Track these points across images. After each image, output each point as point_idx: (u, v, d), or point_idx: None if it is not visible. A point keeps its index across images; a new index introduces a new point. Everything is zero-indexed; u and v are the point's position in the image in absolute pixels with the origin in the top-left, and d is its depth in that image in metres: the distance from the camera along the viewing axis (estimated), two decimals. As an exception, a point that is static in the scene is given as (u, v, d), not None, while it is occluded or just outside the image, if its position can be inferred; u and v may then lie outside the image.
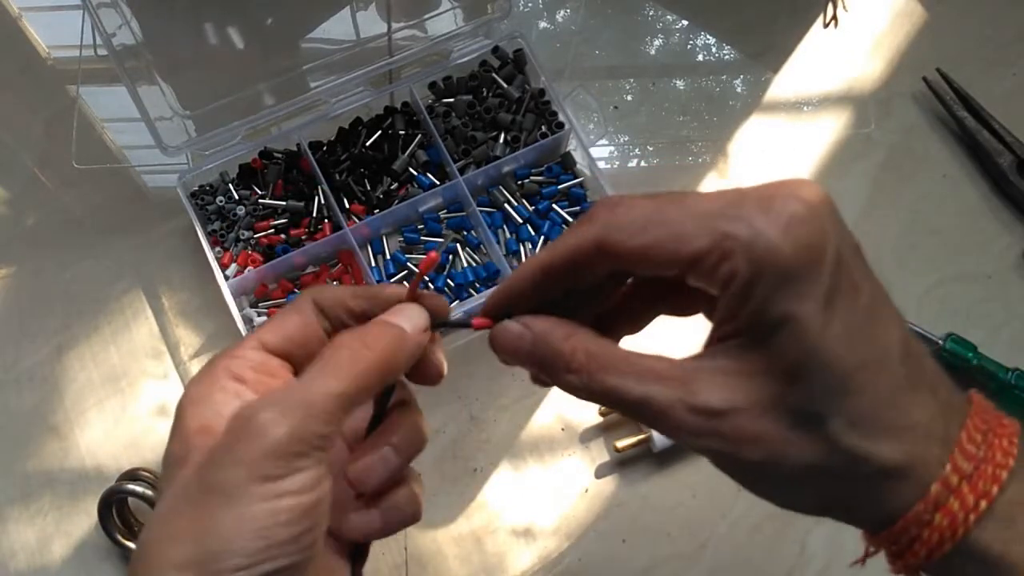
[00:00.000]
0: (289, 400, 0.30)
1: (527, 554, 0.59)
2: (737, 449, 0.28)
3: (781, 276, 0.27)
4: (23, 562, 0.58)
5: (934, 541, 0.28)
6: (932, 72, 0.70)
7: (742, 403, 0.28)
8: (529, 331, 0.32)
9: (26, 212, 0.67)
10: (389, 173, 0.66)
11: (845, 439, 0.27)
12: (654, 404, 0.29)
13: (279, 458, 0.28)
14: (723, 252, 0.27)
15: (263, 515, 0.28)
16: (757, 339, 0.28)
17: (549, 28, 0.74)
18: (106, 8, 0.61)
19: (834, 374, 0.27)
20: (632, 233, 0.29)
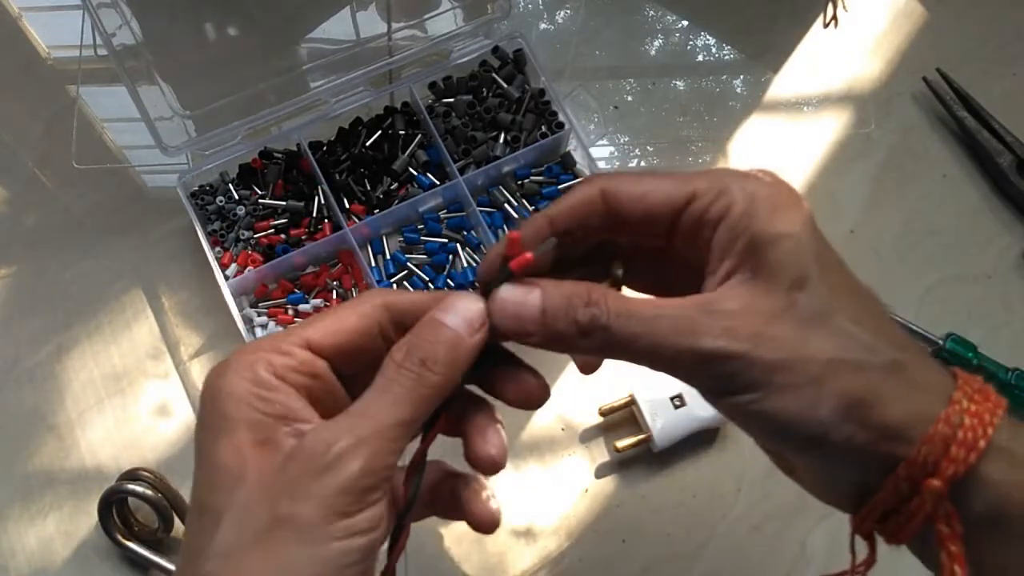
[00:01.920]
0: (360, 431, 0.29)
1: (527, 554, 0.59)
2: (756, 348, 0.28)
3: (772, 206, 0.30)
4: (23, 562, 0.58)
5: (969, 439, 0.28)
6: (932, 72, 0.70)
7: (757, 308, 0.29)
8: (537, 287, 0.31)
9: (26, 212, 0.67)
10: (389, 173, 0.66)
11: (854, 330, 0.29)
12: (670, 316, 0.29)
13: (353, 493, 0.28)
14: (719, 190, 0.31)
15: (337, 555, 0.28)
16: (758, 263, 0.30)
17: (549, 28, 0.74)
18: (106, 8, 0.61)
19: (833, 280, 0.30)
20: (633, 182, 0.32)
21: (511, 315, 0.31)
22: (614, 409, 0.60)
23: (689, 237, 0.32)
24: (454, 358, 0.31)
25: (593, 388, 0.62)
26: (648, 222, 0.32)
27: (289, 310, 0.63)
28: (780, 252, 0.29)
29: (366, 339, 0.33)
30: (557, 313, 0.31)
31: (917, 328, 0.62)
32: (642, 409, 0.59)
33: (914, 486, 0.28)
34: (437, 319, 0.31)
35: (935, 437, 0.28)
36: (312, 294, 0.64)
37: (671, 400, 0.59)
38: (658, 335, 0.30)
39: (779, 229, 0.30)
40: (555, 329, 0.31)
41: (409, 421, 0.30)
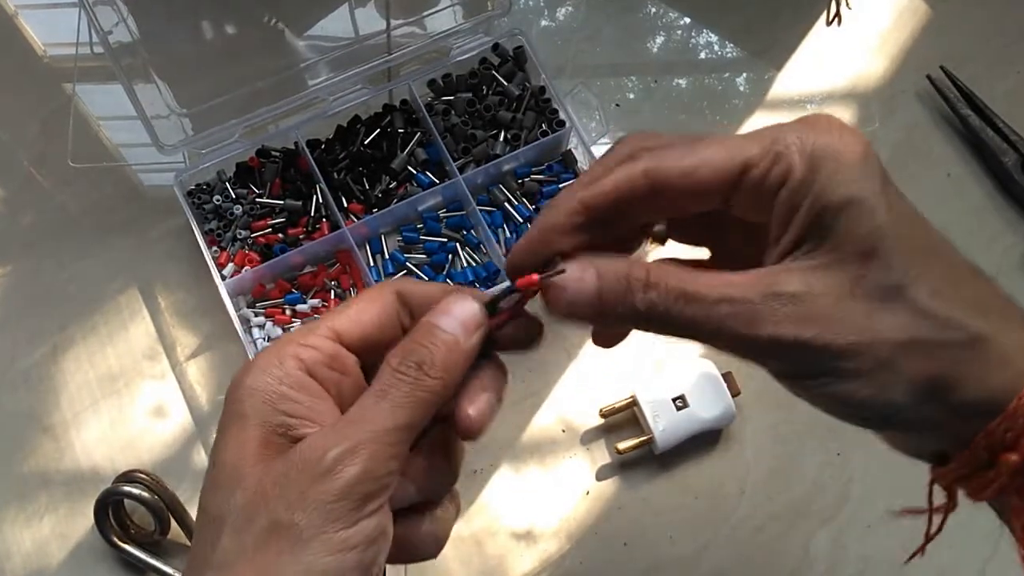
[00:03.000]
0: (357, 436, 0.28)
1: (528, 557, 0.58)
2: (822, 333, 0.27)
3: (836, 166, 0.27)
4: (18, 564, 0.58)
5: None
6: (936, 70, 0.70)
7: (822, 288, 0.27)
8: (591, 267, 0.29)
9: (22, 211, 0.67)
10: (388, 172, 0.66)
11: (931, 305, 0.27)
12: (732, 301, 0.27)
13: (352, 499, 0.27)
14: (775, 155, 0.28)
15: (333, 568, 0.27)
16: (823, 233, 0.27)
17: (550, 25, 0.74)
18: (102, 6, 0.61)
19: (906, 248, 0.27)
20: (679, 155, 0.29)
21: (566, 302, 0.29)
22: (615, 410, 0.60)
23: (748, 206, 0.29)
24: (451, 362, 0.30)
25: (594, 389, 0.62)
26: (700, 197, 0.29)
27: (287, 310, 0.63)
28: (846, 221, 0.27)
29: (388, 328, 0.32)
30: (615, 297, 0.29)
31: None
32: (644, 410, 0.58)
33: (992, 458, 0.28)
34: (432, 323, 0.31)
35: (1017, 412, 0.27)
36: (310, 294, 0.64)
37: (673, 401, 0.58)
38: (720, 321, 0.28)
39: (843, 194, 0.27)
40: (614, 314, 0.29)
41: (407, 426, 0.29)
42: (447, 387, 0.30)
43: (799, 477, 0.60)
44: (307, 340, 0.31)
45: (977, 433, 0.27)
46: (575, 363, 0.63)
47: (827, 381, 0.28)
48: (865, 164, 0.28)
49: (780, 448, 0.60)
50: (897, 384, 0.27)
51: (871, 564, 0.58)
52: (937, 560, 0.58)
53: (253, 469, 0.28)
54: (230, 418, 0.30)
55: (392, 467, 0.28)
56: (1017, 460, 0.27)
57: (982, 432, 0.27)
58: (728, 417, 0.58)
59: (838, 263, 0.27)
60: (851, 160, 0.27)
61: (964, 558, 0.58)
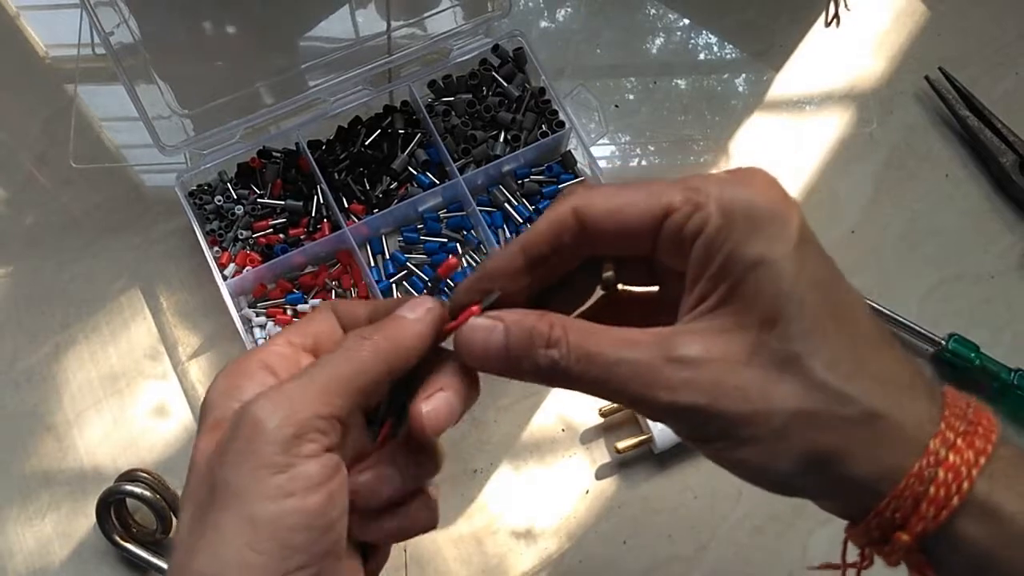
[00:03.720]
0: (283, 388, 0.29)
1: (527, 555, 0.58)
2: (716, 401, 0.27)
3: (752, 222, 0.27)
4: (21, 563, 0.58)
5: (941, 497, 0.26)
6: (934, 71, 0.70)
7: (719, 354, 0.27)
8: (499, 320, 0.30)
9: (24, 211, 0.67)
10: (388, 172, 0.66)
11: (827, 377, 0.27)
12: (630, 363, 0.28)
13: (278, 445, 0.28)
14: (695, 204, 0.28)
15: (269, 517, 0.27)
16: (730, 290, 0.28)
17: (549, 26, 0.74)
18: (104, 7, 0.61)
19: (809, 316, 0.27)
20: (607, 196, 0.30)
21: (477, 354, 0.31)
22: (615, 410, 0.60)
23: (670, 253, 0.30)
24: (393, 332, 0.31)
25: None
26: (625, 237, 0.30)
27: (288, 310, 0.63)
28: (753, 282, 0.27)
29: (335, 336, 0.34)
30: (520, 352, 0.30)
31: (919, 328, 0.61)
32: (643, 410, 0.58)
33: (884, 535, 0.28)
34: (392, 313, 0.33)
35: (905, 493, 0.27)
36: (311, 294, 0.64)
37: (672, 401, 0.58)
38: (619, 382, 0.28)
39: (754, 253, 0.27)
40: (520, 368, 0.30)
41: (337, 376, 0.30)
42: (386, 353, 0.31)
43: (798, 476, 0.60)
44: (265, 346, 0.33)
45: (871, 507, 0.27)
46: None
47: (723, 446, 0.28)
48: (781, 222, 0.28)
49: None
50: (788, 454, 0.27)
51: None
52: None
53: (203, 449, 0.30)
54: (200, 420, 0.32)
55: (320, 411, 0.29)
56: (908, 540, 0.27)
57: (872, 511, 0.27)
58: (727, 417, 0.59)
59: (739, 327, 0.27)
60: (767, 217, 0.27)
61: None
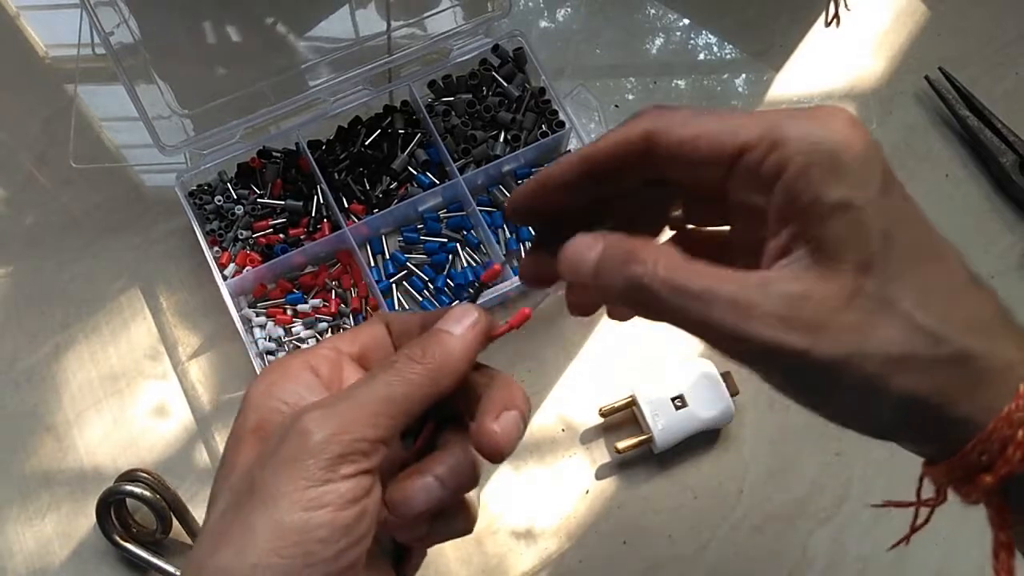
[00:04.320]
0: (335, 404, 0.29)
1: (527, 555, 0.58)
2: (815, 343, 0.26)
3: (835, 164, 0.26)
4: (21, 563, 0.58)
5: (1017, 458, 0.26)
6: (934, 71, 0.70)
7: (820, 296, 0.26)
8: (601, 238, 0.29)
9: (24, 211, 0.67)
10: (388, 172, 0.66)
11: (922, 319, 0.26)
12: (725, 294, 0.27)
13: (321, 460, 0.28)
14: (772, 142, 0.27)
15: (302, 525, 0.27)
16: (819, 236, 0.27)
17: (549, 26, 0.74)
18: (104, 7, 0.61)
19: (903, 259, 0.27)
20: (682, 122, 0.28)
21: (571, 264, 0.30)
22: (615, 410, 0.60)
23: (746, 189, 0.28)
24: (442, 351, 0.32)
25: (593, 389, 0.62)
26: (696, 168, 0.29)
27: (288, 310, 0.63)
28: (841, 227, 0.26)
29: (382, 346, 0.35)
30: (611, 267, 0.29)
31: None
32: (643, 410, 0.58)
33: (968, 476, 0.28)
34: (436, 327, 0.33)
35: (993, 436, 0.27)
36: (311, 294, 0.64)
37: (672, 401, 0.58)
38: (711, 313, 0.27)
39: (838, 196, 0.26)
40: (610, 285, 0.29)
41: (387, 398, 0.30)
42: (436, 372, 0.31)
43: (798, 476, 0.60)
44: (312, 349, 0.34)
45: (957, 448, 0.27)
46: (575, 362, 0.63)
47: (817, 393, 0.28)
48: (865, 165, 0.27)
49: (779, 448, 0.61)
50: (884, 397, 0.27)
51: (870, 564, 0.58)
52: (935, 559, 0.58)
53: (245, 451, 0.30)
54: (238, 413, 0.32)
55: (367, 434, 0.29)
56: (991, 482, 0.27)
57: (958, 453, 0.27)
58: (727, 417, 0.59)
59: (834, 271, 0.27)
60: (850, 160, 0.26)
61: (962, 557, 0.58)
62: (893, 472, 0.60)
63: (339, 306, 0.63)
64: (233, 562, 0.27)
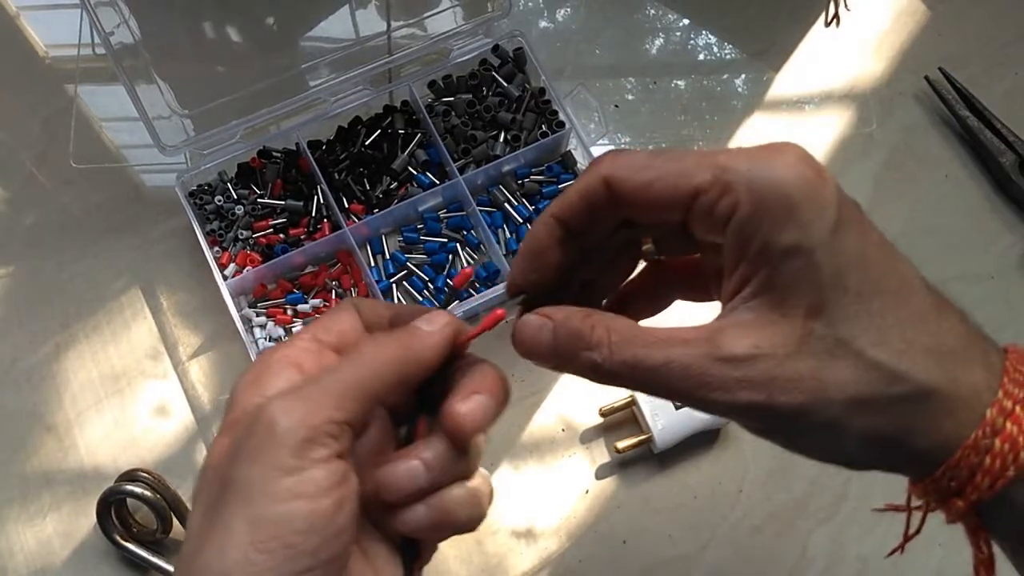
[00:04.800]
0: (300, 391, 0.29)
1: (527, 555, 0.58)
2: (771, 396, 0.27)
3: (784, 206, 0.26)
4: (21, 563, 0.58)
5: (996, 468, 0.27)
6: (934, 71, 0.70)
7: (768, 347, 0.27)
8: (549, 319, 0.30)
9: (24, 212, 0.67)
10: (388, 172, 0.66)
11: (879, 357, 0.26)
12: (678, 365, 0.28)
13: (290, 447, 0.28)
14: (723, 185, 0.27)
15: (275, 519, 0.27)
16: (769, 278, 0.27)
17: (549, 27, 0.74)
18: (104, 7, 0.61)
19: (853, 299, 0.27)
20: (636, 169, 0.29)
21: (528, 349, 0.31)
22: (615, 410, 0.60)
23: (703, 229, 0.29)
24: (409, 339, 0.31)
25: (593, 388, 0.62)
26: (657, 211, 0.29)
27: (288, 310, 0.63)
28: (791, 271, 0.27)
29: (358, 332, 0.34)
30: (567, 354, 0.30)
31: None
32: (643, 410, 0.58)
33: (942, 498, 0.28)
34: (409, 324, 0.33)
35: (960, 463, 0.27)
36: (311, 294, 0.64)
37: (672, 400, 0.58)
38: (668, 382, 0.28)
39: (789, 241, 0.26)
40: (569, 368, 0.30)
41: (354, 382, 0.30)
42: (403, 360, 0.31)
43: (797, 476, 0.60)
44: (292, 342, 0.33)
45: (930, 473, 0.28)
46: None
47: (784, 436, 0.29)
48: (815, 204, 0.26)
49: (778, 447, 0.61)
50: (848, 438, 0.27)
51: (869, 563, 0.58)
52: (935, 559, 0.58)
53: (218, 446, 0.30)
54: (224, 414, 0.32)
55: (334, 416, 0.29)
56: (963, 506, 0.28)
57: (928, 479, 0.28)
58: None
59: (785, 316, 0.27)
60: (800, 200, 0.26)
61: (962, 557, 0.58)
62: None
63: (339, 306, 0.63)
64: (215, 561, 0.27)
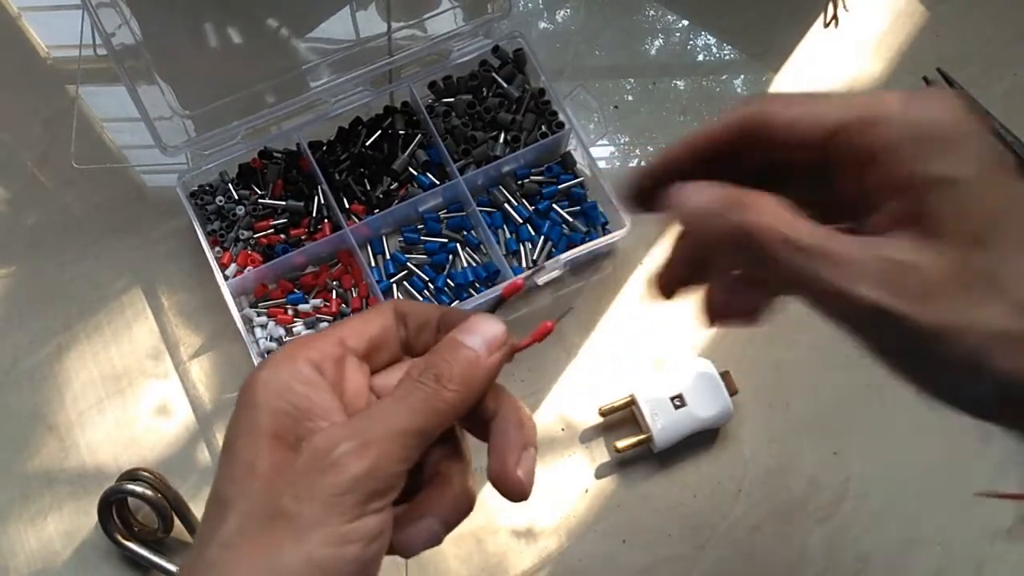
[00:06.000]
0: (369, 434, 0.29)
1: (527, 554, 0.59)
2: (919, 310, 0.26)
3: (940, 140, 0.26)
4: (23, 562, 0.58)
5: None
6: (933, 72, 0.70)
7: (929, 264, 0.26)
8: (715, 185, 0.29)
9: (26, 212, 0.67)
10: (389, 173, 0.66)
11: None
12: (834, 253, 0.26)
13: (355, 494, 0.28)
14: (875, 117, 0.27)
15: (329, 560, 0.27)
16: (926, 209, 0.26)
17: (549, 28, 0.74)
18: (106, 8, 0.61)
19: (1012, 237, 0.26)
20: (788, 103, 0.29)
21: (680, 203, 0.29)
22: (614, 409, 0.60)
23: (848, 168, 0.28)
24: (470, 376, 0.31)
25: (593, 388, 0.62)
26: (801, 148, 0.29)
27: (289, 310, 0.63)
28: (945, 202, 0.26)
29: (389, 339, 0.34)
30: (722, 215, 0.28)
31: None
32: (642, 409, 0.59)
33: None
34: (457, 340, 0.32)
35: None
36: (312, 294, 0.64)
37: (671, 400, 0.59)
38: (818, 271, 0.26)
39: (941, 172, 0.26)
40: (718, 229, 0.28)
41: (419, 431, 0.30)
42: (463, 400, 0.31)
43: (796, 475, 0.60)
44: (316, 343, 0.32)
45: None
46: (574, 362, 0.63)
47: (918, 365, 0.27)
48: (968, 144, 0.26)
49: (777, 447, 0.61)
50: (984, 378, 0.26)
51: (868, 562, 0.58)
52: (934, 559, 0.58)
53: (266, 459, 0.29)
54: (242, 407, 0.31)
55: (400, 468, 0.29)
56: None
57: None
58: (726, 416, 0.59)
59: (940, 246, 0.26)
60: (955, 137, 0.26)
61: (961, 557, 0.58)
62: (892, 471, 0.60)
63: (340, 306, 0.64)
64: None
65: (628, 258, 0.66)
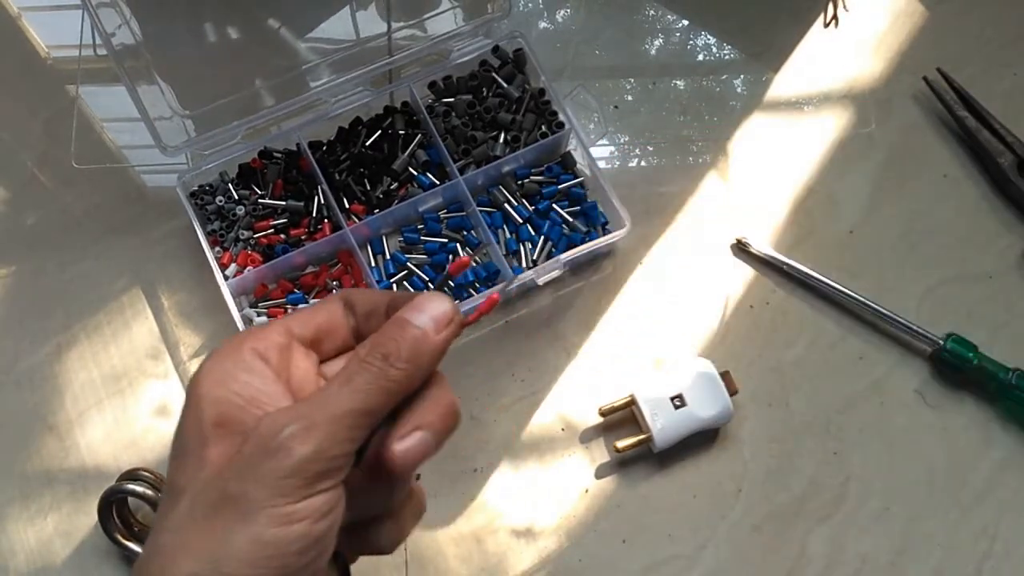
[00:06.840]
0: (314, 416, 0.29)
1: (527, 554, 0.59)
2: None
3: None
4: (22, 562, 0.58)
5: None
6: (932, 72, 0.70)
7: None
8: None
9: (25, 212, 0.67)
10: (389, 173, 0.66)
11: None
12: None
13: (301, 476, 0.28)
14: None
15: (278, 539, 0.28)
16: None
17: (549, 28, 0.74)
18: (106, 8, 0.61)
19: None
20: None
21: None
22: (614, 409, 0.60)
23: None
24: (418, 353, 0.31)
25: (593, 388, 0.62)
26: None
27: (289, 310, 0.63)
28: None
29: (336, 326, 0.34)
30: None
31: (917, 328, 0.62)
32: (642, 409, 0.59)
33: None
34: (404, 318, 0.32)
35: None
36: (312, 294, 0.64)
37: (671, 400, 0.59)
38: None
39: None
40: None
41: (365, 411, 0.30)
42: (411, 378, 0.31)
43: (796, 476, 0.60)
44: (262, 332, 0.33)
45: None
46: (574, 362, 0.63)
47: None
48: None
49: (777, 447, 0.61)
50: None
51: (868, 562, 0.58)
52: (934, 559, 0.58)
53: (211, 445, 0.30)
54: (188, 398, 0.32)
55: (346, 449, 0.29)
56: None
57: None
58: (726, 416, 0.59)
59: None
60: None
61: (960, 557, 0.58)
62: (891, 471, 0.60)
63: (340, 306, 0.64)
64: (205, 570, 0.27)
65: (628, 258, 0.66)
